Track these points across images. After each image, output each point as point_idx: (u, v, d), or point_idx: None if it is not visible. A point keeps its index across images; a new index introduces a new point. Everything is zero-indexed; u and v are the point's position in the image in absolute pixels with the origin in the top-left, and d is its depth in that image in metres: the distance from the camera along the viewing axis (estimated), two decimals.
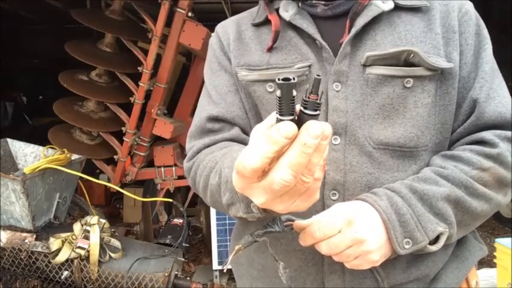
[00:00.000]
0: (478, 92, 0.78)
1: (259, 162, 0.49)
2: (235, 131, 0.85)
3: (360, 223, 0.67)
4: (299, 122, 0.49)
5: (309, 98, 0.48)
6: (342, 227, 0.66)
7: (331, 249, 0.66)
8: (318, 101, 0.48)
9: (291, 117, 0.48)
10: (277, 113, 0.49)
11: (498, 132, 0.76)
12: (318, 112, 0.49)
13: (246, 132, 0.86)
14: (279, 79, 0.46)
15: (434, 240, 0.71)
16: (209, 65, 0.93)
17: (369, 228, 0.67)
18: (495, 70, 0.81)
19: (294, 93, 0.47)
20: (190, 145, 0.89)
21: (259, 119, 0.85)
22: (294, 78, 0.46)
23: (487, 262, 3.33)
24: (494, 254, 2.21)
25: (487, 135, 0.76)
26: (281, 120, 0.48)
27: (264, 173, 0.52)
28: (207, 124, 0.87)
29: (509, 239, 2.15)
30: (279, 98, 0.48)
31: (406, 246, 0.68)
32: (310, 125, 0.48)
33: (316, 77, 0.48)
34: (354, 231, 0.66)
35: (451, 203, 0.71)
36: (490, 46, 0.81)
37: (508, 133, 0.76)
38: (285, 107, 0.48)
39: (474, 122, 0.78)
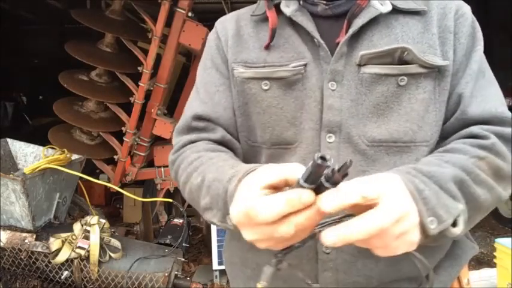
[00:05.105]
0: (464, 88, 0.78)
1: (272, 218, 0.54)
2: (220, 133, 0.86)
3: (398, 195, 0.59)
4: (318, 188, 0.54)
5: (333, 174, 0.53)
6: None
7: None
8: (340, 181, 0.54)
9: (313, 186, 0.54)
10: (303, 179, 0.54)
11: (486, 127, 0.75)
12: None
13: (230, 132, 0.88)
14: (317, 157, 0.51)
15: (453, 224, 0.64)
16: (203, 61, 0.94)
17: (410, 200, 0.60)
18: (482, 72, 0.80)
19: (325, 172, 0.52)
20: (177, 140, 0.90)
21: (247, 118, 0.86)
22: (330, 160, 0.51)
23: (487, 262, 3.33)
24: (494, 254, 2.21)
25: (476, 129, 0.75)
26: (303, 186, 0.54)
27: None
28: (193, 122, 0.88)
29: (509, 239, 2.15)
30: (311, 171, 0.53)
31: (432, 226, 0.60)
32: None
33: (348, 163, 0.52)
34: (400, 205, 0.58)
35: (457, 185, 0.66)
36: (481, 48, 0.82)
37: (496, 128, 0.75)
38: (312, 179, 0.53)
39: (459, 116, 0.78)
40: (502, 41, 4.57)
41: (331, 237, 0.54)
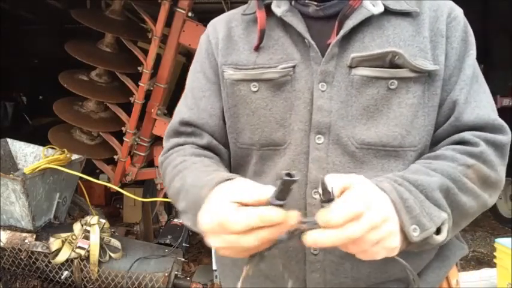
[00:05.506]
0: (458, 94, 0.78)
1: (243, 228, 0.59)
2: (207, 139, 0.89)
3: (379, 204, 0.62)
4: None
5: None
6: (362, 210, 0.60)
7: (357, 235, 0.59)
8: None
9: (282, 203, 0.59)
10: (275, 197, 0.59)
11: (478, 133, 0.76)
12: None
13: (216, 138, 0.89)
14: (284, 174, 0.56)
15: (437, 232, 0.67)
16: (194, 63, 0.95)
17: (388, 208, 0.63)
18: (476, 77, 0.81)
19: (293, 187, 0.58)
20: (166, 143, 0.93)
21: (236, 120, 0.86)
22: (295, 175, 0.56)
23: (487, 262, 3.33)
24: (494, 254, 2.21)
25: (467, 135, 0.76)
26: (273, 204, 0.59)
27: None
28: (180, 127, 0.91)
29: (509, 239, 2.15)
30: (282, 188, 0.58)
31: (414, 234, 0.63)
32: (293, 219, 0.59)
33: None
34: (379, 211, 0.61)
35: (443, 193, 0.68)
36: (474, 53, 0.82)
37: (487, 135, 0.76)
38: (282, 195, 0.59)
39: (453, 122, 0.78)
40: (502, 41, 4.57)
41: (309, 240, 0.59)
